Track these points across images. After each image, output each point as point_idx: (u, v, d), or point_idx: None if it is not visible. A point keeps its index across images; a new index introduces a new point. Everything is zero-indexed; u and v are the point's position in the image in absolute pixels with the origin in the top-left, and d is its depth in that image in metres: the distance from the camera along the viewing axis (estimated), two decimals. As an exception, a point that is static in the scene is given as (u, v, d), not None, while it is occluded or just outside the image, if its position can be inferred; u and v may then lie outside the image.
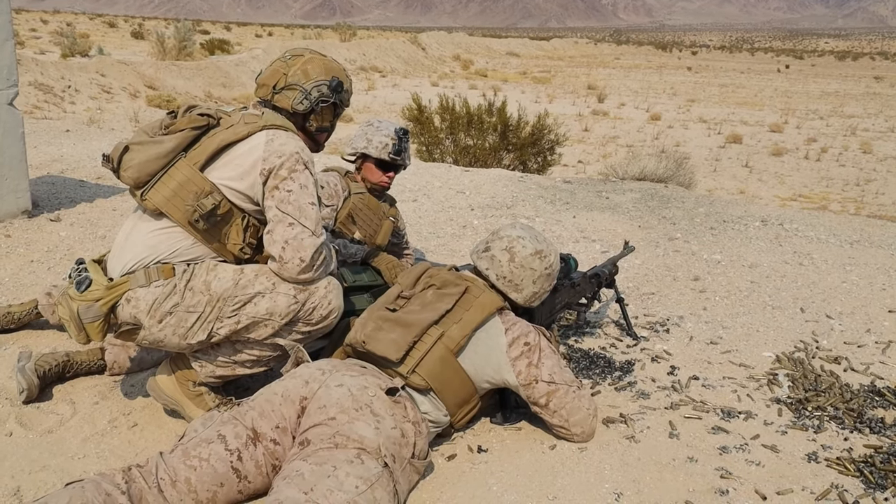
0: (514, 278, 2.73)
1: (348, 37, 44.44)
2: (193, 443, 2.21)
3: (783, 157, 18.26)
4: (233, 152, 2.52)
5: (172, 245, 2.51)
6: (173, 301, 2.45)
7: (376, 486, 2.07)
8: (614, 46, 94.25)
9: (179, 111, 2.59)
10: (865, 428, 2.81)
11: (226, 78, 23.06)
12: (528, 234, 2.78)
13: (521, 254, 2.72)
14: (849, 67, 66.11)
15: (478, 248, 2.82)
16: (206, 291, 2.47)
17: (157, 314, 2.45)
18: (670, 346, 3.52)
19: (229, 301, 2.49)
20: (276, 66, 2.76)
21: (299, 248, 2.46)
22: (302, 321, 2.58)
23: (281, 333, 2.58)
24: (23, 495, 2.30)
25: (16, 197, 4.70)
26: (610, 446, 2.63)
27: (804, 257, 4.92)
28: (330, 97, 2.76)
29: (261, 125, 2.54)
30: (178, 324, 2.47)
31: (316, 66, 2.75)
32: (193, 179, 2.47)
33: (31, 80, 15.89)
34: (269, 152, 2.50)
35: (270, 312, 2.52)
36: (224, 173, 2.50)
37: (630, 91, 34.69)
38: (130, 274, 2.47)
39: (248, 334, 2.55)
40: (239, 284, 2.50)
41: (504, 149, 10.88)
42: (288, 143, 2.53)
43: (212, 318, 2.48)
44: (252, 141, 2.52)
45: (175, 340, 2.50)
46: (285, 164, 2.50)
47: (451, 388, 2.51)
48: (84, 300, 2.42)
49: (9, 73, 4.56)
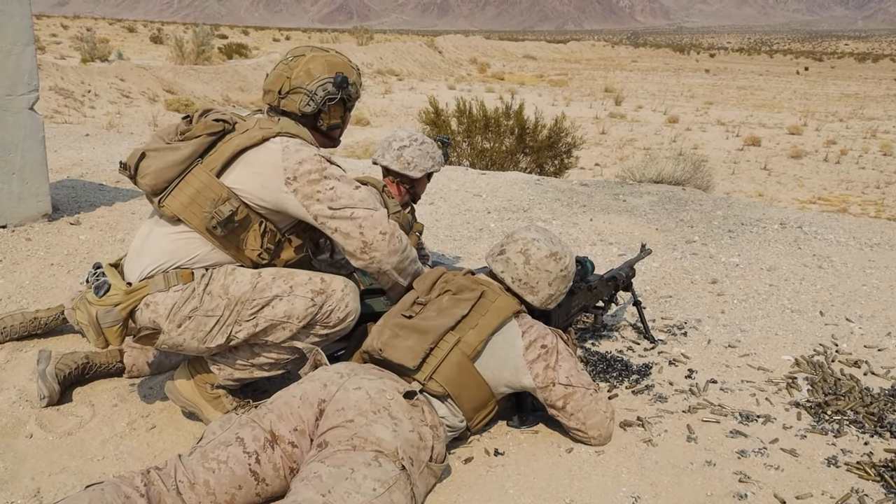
0: (530, 280, 2.72)
1: (365, 40, 44.56)
2: (212, 445, 2.22)
3: (802, 159, 18.13)
4: (248, 157, 2.51)
5: (191, 251, 2.51)
6: (192, 305, 2.46)
7: (394, 489, 2.07)
8: (631, 49, 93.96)
9: (195, 116, 2.59)
10: (886, 432, 2.79)
11: (243, 82, 23.15)
12: (543, 237, 2.78)
13: (537, 256, 2.72)
14: (869, 69, 65.57)
15: (493, 252, 2.82)
16: (224, 295, 2.48)
17: (176, 318, 2.46)
18: (688, 350, 3.50)
19: (247, 304, 2.49)
20: (279, 70, 2.72)
21: (374, 225, 2.50)
22: (319, 324, 2.59)
23: (299, 336, 2.59)
24: (43, 497, 2.32)
25: (36, 200, 4.74)
26: (627, 450, 2.61)
27: (823, 260, 4.88)
28: (336, 94, 2.72)
29: (275, 131, 2.54)
30: (197, 328, 2.48)
31: (318, 65, 2.71)
32: (210, 186, 2.48)
33: (51, 85, 16.02)
34: (288, 160, 2.49)
35: (288, 315, 2.52)
36: (241, 179, 2.50)
37: (647, 94, 34.55)
38: (149, 279, 2.49)
39: (266, 337, 2.56)
40: (257, 288, 2.50)
41: (521, 152, 10.86)
42: (303, 149, 2.53)
43: (230, 321, 2.49)
44: (268, 148, 2.52)
45: (194, 344, 2.51)
46: (310, 168, 2.50)
47: (469, 394, 2.51)
48: (103, 305, 2.44)
49: (30, 77, 4.60)
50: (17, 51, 4.51)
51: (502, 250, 2.78)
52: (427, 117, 11.42)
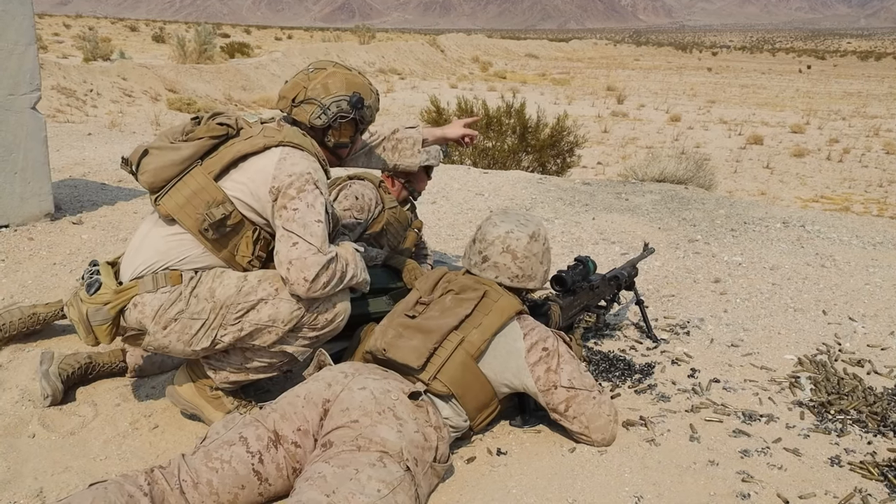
0: (525, 271, 2.73)
1: (367, 39, 44.53)
2: (215, 445, 2.22)
3: (805, 158, 18.10)
4: (248, 165, 2.51)
5: (183, 252, 2.50)
6: (178, 308, 2.45)
7: (398, 490, 2.07)
8: (634, 48, 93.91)
9: (204, 117, 2.59)
10: (889, 431, 2.78)
11: (246, 81, 23.15)
12: (513, 224, 2.75)
13: (520, 247, 2.71)
14: (872, 67, 65.45)
15: (474, 262, 2.77)
16: (210, 298, 2.47)
17: (161, 320, 2.45)
18: (691, 349, 3.50)
19: (232, 308, 2.47)
20: (298, 79, 2.74)
21: (303, 268, 2.40)
22: (307, 326, 2.56)
23: (287, 340, 2.56)
24: (45, 496, 2.32)
25: (39, 200, 4.75)
26: (630, 449, 2.61)
27: (826, 259, 4.87)
28: (349, 113, 2.72)
29: (278, 140, 2.52)
30: (182, 330, 2.47)
31: (337, 81, 2.71)
32: (207, 188, 2.47)
33: (53, 84, 16.03)
34: (279, 171, 2.47)
35: (273, 319, 2.50)
36: (237, 185, 2.49)
37: (650, 92, 34.51)
38: (140, 278, 2.48)
39: (252, 341, 2.53)
40: (242, 291, 2.49)
41: (523, 150, 10.85)
42: (299, 163, 2.50)
43: (215, 325, 2.48)
44: (267, 156, 2.51)
45: (180, 347, 2.49)
46: (294, 183, 2.46)
47: (472, 394, 2.51)
48: (93, 303, 2.44)
49: (32, 77, 4.60)
50: (19, 50, 4.51)
51: (484, 258, 2.74)
52: (429, 116, 11.42)
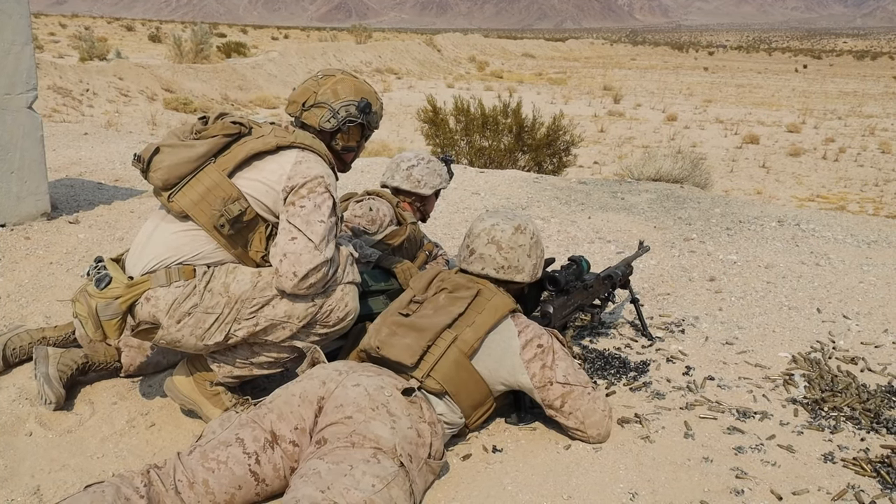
0: (511, 262, 2.74)
1: (364, 39, 44.55)
2: (211, 445, 2.22)
3: (801, 157, 18.15)
4: (260, 163, 2.55)
5: (196, 248, 2.53)
6: (192, 302, 2.47)
7: (392, 485, 2.08)
8: (630, 47, 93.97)
9: (211, 117, 2.62)
10: (882, 428, 2.80)
11: (242, 80, 23.18)
12: (500, 218, 2.79)
13: (505, 237, 2.73)
14: (867, 67, 65.59)
15: (463, 257, 2.81)
16: (224, 293, 2.49)
17: (175, 314, 2.47)
18: (685, 347, 3.51)
19: (247, 303, 2.50)
20: (308, 84, 2.81)
21: (295, 263, 2.44)
22: (319, 323, 2.61)
23: (298, 335, 2.60)
24: (42, 494, 2.32)
25: (35, 199, 4.75)
26: (625, 446, 2.63)
27: (821, 257, 4.89)
28: (357, 117, 2.80)
29: (290, 141, 2.57)
30: (196, 325, 2.49)
31: (346, 87, 2.80)
32: (221, 185, 2.50)
33: (49, 84, 16.02)
34: (295, 172, 2.53)
35: (288, 315, 2.54)
36: (250, 182, 2.53)
37: (646, 92, 34.57)
38: (151, 273, 2.50)
39: (265, 336, 2.57)
40: (257, 287, 2.51)
41: (519, 150, 10.87)
42: (315, 167, 2.56)
43: (230, 319, 2.50)
44: (282, 157, 2.55)
45: (192, 341, 2.51)
46: (307, 184, 2.52)
47: (466, 391, 2.53)
48: (103, 297, 2.44)
49: (28, 76, 4.60)
50: (15, 50, 4.52)
51: (471, 251, 2.77)
52: (425, 116, 11.42)
